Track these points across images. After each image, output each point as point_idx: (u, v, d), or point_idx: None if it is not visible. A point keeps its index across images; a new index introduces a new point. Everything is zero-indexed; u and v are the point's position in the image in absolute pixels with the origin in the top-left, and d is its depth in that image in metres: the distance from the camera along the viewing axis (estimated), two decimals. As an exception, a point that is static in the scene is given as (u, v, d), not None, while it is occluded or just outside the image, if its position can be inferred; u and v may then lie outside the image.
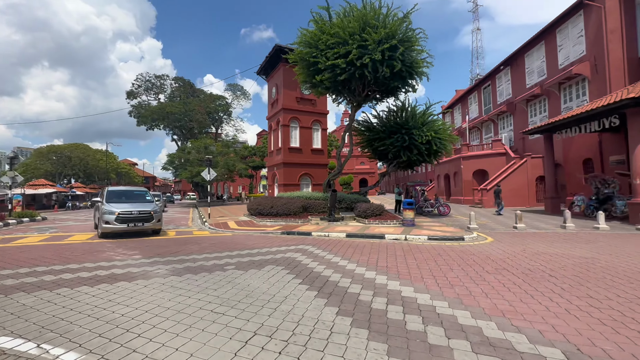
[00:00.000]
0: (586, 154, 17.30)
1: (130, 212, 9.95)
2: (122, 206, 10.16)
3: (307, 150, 21.27)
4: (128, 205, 10.33)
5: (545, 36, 20.51)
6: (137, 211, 10.06)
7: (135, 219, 9.98)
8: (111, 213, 9.76)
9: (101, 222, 9.88)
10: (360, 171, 56.52)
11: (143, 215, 10.11)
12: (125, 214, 9.83)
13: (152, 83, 43.30)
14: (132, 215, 9.94)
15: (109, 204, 10.21)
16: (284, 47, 19.32)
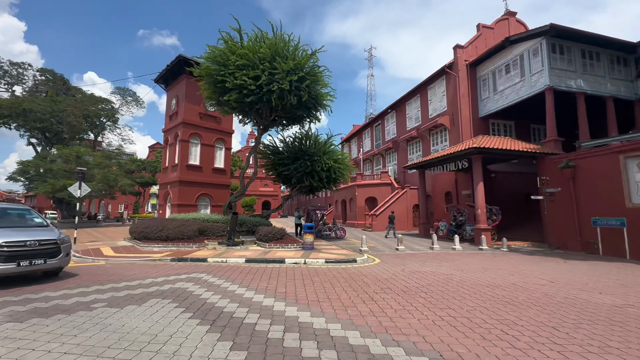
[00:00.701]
0: (447, 187, 21.50)
1: (23, 243, 6.21)
2: (3, 234, 6.27)
3: (207, 169, 20.00)
4: (11, 232, 6.46)
5: (420, 90, 25.25)
6: (33, 241, 6.32)
7: (32, 254, 6.25)
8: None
9: None
10: (263, 193, 56.02)
11: (45, 247, 6.46)
12: (14, 247, 6.09)
13: (4, 70, 34.17)
14: (27, 249, 6.20)
15: None
16: (188, 58, 18.22)
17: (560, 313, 4.85)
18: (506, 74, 18.13)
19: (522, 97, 16.93)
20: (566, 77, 15.68)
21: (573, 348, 3.58)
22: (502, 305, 5.25)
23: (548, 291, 6.23)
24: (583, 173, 12.67)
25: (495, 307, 5.10)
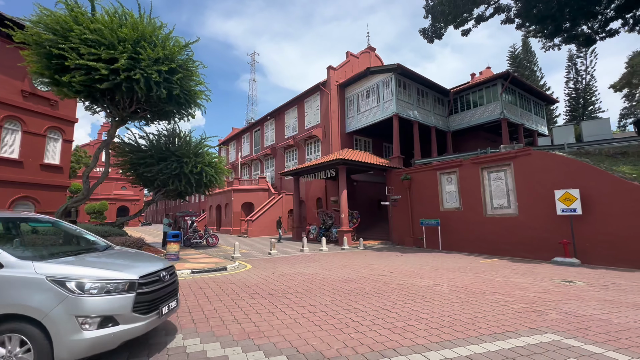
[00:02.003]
0: (318, 194, 23.47)
1: (158, 275, 3.63)
2: (125, 265, 3.56)
3: (33, 165, 15.33)
4: (124, 261, 3.80)
5: (298, 102, 26.83)
6: (164, 272, 3.79)
7: (168, 294, 3.77)
8: (102, 289, 3.02)
9: (69, 324, 2.81)
10: (120, 197, 47.19)
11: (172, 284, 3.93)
12: (154, 283, 3.49)
13: None
14: (164, 285, 3.69)
15: (61, 265, 3.10)
16: (5, 16, 13.68)
17: (394, 297, 6.00)
18: (367, 98, 21.40)
19: (377, 119, 20.31)
20: (407, 107, 19.79)
21: (398, 324, 4.48)
22: (353, 296, 6.08)
23: (387, 280, 7.60)
24: (416, 184, 16.17)
25: (347, 299, 5.86)
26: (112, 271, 3.15)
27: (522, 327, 4.35)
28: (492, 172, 13.22)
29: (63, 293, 2.80)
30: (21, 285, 2.82)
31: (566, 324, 4.46)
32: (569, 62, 37.04)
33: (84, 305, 2.82)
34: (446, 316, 4.79)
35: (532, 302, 5.60)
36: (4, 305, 2.74)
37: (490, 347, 3.66)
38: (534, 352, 3.54)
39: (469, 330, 4.22)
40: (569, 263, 10.01)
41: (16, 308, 2.74)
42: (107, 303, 2.93)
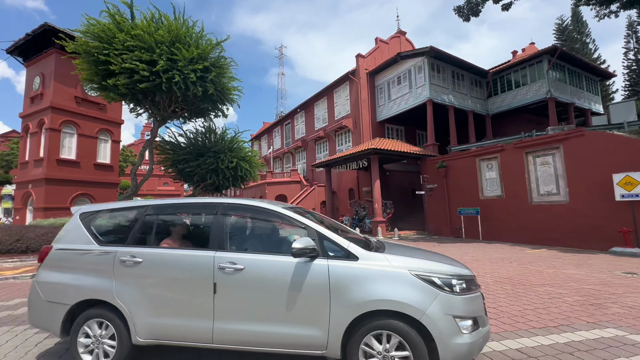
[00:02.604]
0: (350, 185, 23.36)
1: None
2: (448, 260, 3.09)
3: (88, 165, 16.82)
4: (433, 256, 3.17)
5: (327, 93, 26.67)
6: None
7: None
8: None
9: (449, 325, 2.48)
10: (163, 193, 50.40)
11: None
12: None
13: None
14: None
15: None
16: (58, 29, 14.89)
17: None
18: (398, 84, 20.73)
19: (409, 106, 19.64)
20: (441, 92, 18.90)
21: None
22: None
23: (426, 271, 7.41)
24: (452, 172, 15.50)
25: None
26: (456, 267, 2.73)
27: (579, 320, 4.04)
28: (539, 156, 12.29)
29: (435, 290, 2.46)
30: (386, 279, 2.52)
31: (631, 318, 4.07)
32: (629, 31, 33.11)
33: (458, 305, 2.46)
34: (491, 308, 4.59)
35: (589, 294, 5.18)
36: (373, 301, 2.46)
37: (543, 341, 3.45)
38: (594, 347, 3.28)
39: (518, 323, 4.01)
40: (630, 253, 9.11)
41: (387, 304, 2.44)
42: (472, 302, 2.55)
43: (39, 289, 3.08)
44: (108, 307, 2.89)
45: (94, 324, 2.91)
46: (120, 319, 2.84)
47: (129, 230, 3.15)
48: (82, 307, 2.97)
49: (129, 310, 2.80)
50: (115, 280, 2.90)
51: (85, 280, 2.97)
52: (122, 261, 2.92)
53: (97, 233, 3.23)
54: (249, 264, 2.73)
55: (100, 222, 3.37)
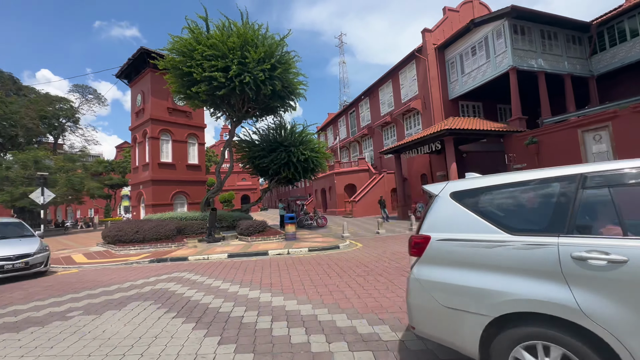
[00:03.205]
0: (422, 170, 22.13)
1: None
2: None
3: (181, 166, 19.35)
4: None
5: (391, 75, 25.50)
6: None
7: None
8: None
9: None
10: (241, 187, 55.17)
11: None
12: None
13: (-60, 71, 30.93)
14: None
15: None
16: (151, 51, 17.29)
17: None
18: (472, 56, 18.65)
19: (488, 78, 17.53)
20: (527, 57, 16.37)
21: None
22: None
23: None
24: (546, 148, 13.42)
25: (472, 279, 5.37)
26: None
27: None
28: (670, 120, 9.79)
29: None
30: None
31: None
32: None
33: None
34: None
35: None
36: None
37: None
38: None
39: None
40: None
41: None
42: None
43: (428, 289, 2.44)
44: (560, 327, 1.87)
45: (531, 350, 1.98)
46: (593, 349, 1.76)
47: (559, 213, 2.08)
48: (502, 321, 2.08)
49: (620, 340, 1.67)
50: (571, 287, 1.86)
51: (505, 283, 2.08)
52: (579, 259, 1.87)
53: (494, 217, 2.32)
54: None
55: (491, 203, 2.45)
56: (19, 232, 8.55)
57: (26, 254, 7.45)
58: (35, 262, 7.58)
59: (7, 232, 8.30)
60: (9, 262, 7.15)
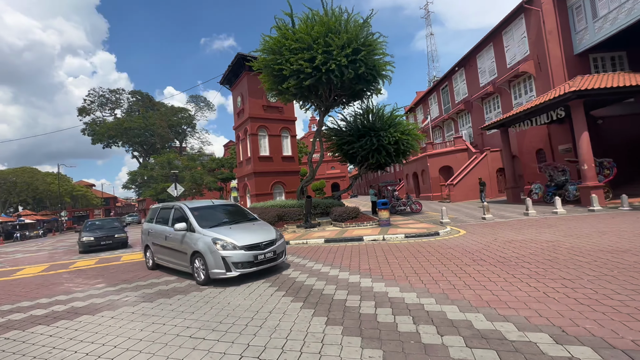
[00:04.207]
0: (538, 144, 18.67)
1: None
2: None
3: (277, 158, 20.99)
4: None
5: (492, 38, 22.01)
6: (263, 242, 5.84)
7: None
8: None
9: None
10: (331, 176, 56.90)
11: None
12: None
13: (106, 98, 40.81)
14: None
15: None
16: (246, 55, 19.02)
17: None
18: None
19: (635, 17, 13.41)
20: None
21: None
22: (636, 272, 4.33)
23: (703, 254, 4.90)
24: None
25: (627, 276, 4.23)
26: None
27: None
28: None
29: None
30: None
31: None
32: None
33: None
34: None
35: None
36: None
37: None
38: None
39: None
40: None
41: None
42: None
43: None
44: None
45: None
46: None
47: None
48: None
49: None
50: None
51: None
52: None
53: None
54: None
55: None
56: (245, 216, 7.16)
57: (272, 240, 5.98)
58: (279, 250, 6.12)
59: (235, 215, 7.05)
60: (264, 250, 5.76)
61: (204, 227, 6.01)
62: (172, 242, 6.51)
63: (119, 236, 13.23)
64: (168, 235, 6.62)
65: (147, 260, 7.79)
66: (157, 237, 7.09)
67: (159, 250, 7.06)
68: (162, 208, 7.57)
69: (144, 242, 7.87)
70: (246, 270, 5.51)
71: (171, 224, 6.59)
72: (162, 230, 6.90)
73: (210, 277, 5.52)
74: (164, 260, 6.90)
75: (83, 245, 12.53)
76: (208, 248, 5.54)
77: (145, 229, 7.79)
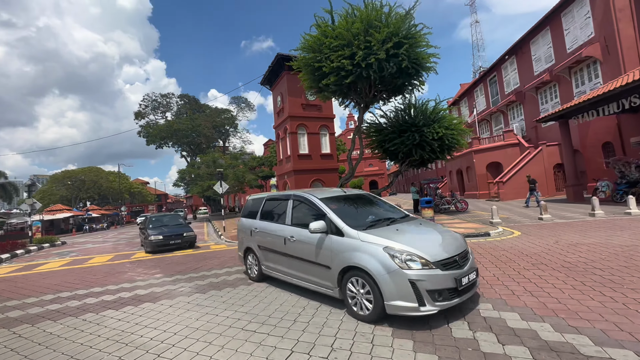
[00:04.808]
0: (605, 137, 16.69)
1: None
2: None
3: (316, 156, 21.14)
4: None
5: (549, 21, 20.06)
6: None
7: None
8: None
9: None
10: (369, 173, 56.11)
11: None
12: None
13: (158, 102, 44.10)
14: None
15: None
16: (286, 55, 19.36)
17: None
18: (700, -42, 12.48)
19: None
20: None
21: None
22: None
23: None
24: None
25: None
26: None
27: None
28: None
29: None
30: None
31: None
32: None
33: None
34: None
35: None
36: None
37: None
38: None
39: None
40: None
41: None
42: None
43: None
44: None
45: None
46: None
47: None
48: None
49: None
50: None
51: None
52: None
53: None
54: None
55: None
56: (396, 211, 4.98)
57: (465, 251, 3.95)
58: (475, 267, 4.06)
59: (383, 211, 4.97)
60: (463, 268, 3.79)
61: (357, 228, 3.97)
62: (298, 249, 4.53)
63: (187, 235, 11.29)
64: (289, 238, 4.68)
65: (248, 267, 5.93)
66: (268, 239, 5.25)
67: (271, 257, 5.19)
68: (269, 199, 5.74)
69: (243, 244, 6.07)
70: (447, 303, 3.35)
71: (291, 221, 4.84)
72: (278, 231, 5.00)
73: (387, 312, 3.39)
74: (281, 272, 5.00)
75: (151, 245, 10.59)
76: (380, 264, 3.45)
77: (245, 227, 5.99)
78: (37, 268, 9.48)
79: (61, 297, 5.70)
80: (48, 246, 16.95)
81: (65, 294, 5.85)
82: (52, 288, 6.47)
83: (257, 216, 5.74)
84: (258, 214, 5.74)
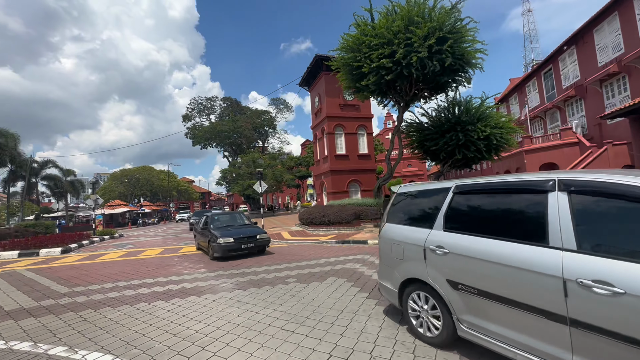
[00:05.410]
0: (688, 135, 14.48)
1: None
2: None
3: (353, 156, 20.97)
4: None
5: (618, 6, 17.89)
6: None
7: None
8: None
9: None
10: (408, 174, 54.46)
11: None
12: None
13: (203, 105, 46.73)
14: None
15: None
16: (324, 56, 19.44)
17: None
18: None
19: None
20: None
21: None
22: None
23: None
24: None
25: None
26: None
27: None
28: None
29: None
30: None
31: None
32: None
33: None
34: None
35: None
36: None
37: None
38: None
39: None
40: None
41: None
42: None
43: None
44: None
45: None
46: None
47: None
48: None
49: None
50: None
51: None
52: None
53: None
54: None
55: None
56: None
57: None
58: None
59: None
60: None
61: None
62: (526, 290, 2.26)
63: (261, 237, 9.13)
64: (577, 282, 1.98)
65: (413, 317, 3.27)
66: (489, 274, 2.52)
67: (495, 312, 2.47)
68: (468, 190, 3.01)
69: (400, 270, 3.42)
70: None
71: (575, 239, 2.08)
72: (533, 261, 2.22)
73: None
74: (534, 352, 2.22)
75: (222, 250, 8.42)
76: None
77: (402, 240, 3.46)
78: (99, 258, 10.50)
79: (119, 285, 6.23)
80: (108, 238, 18.73)
81: (122, 283, 6.40)
82: (111, 277, 7.11)
83: (434, 222, 3.19)
84: (438, 217, 3.16)
